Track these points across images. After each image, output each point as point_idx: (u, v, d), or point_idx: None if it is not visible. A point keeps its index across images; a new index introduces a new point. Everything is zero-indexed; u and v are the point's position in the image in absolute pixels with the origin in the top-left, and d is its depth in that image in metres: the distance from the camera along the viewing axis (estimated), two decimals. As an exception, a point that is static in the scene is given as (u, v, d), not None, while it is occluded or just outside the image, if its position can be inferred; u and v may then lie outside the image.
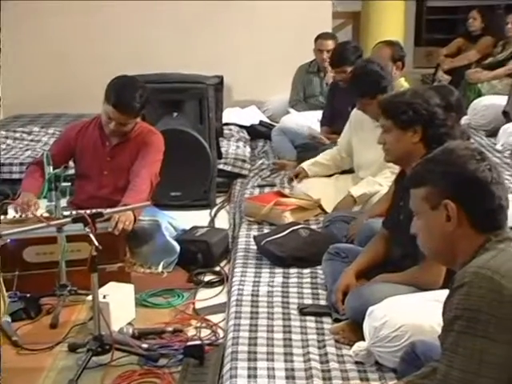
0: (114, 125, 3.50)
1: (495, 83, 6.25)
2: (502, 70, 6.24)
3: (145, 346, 2.68)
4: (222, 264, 3.55)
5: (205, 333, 2.86)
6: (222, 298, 3.19)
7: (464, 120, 5.67)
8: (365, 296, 2.60)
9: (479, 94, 6.24)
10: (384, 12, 7.02)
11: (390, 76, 3.90)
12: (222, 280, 3.36)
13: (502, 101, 5.66)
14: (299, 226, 3.57)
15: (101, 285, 2.67)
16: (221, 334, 2.84)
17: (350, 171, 4.17)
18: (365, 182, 3.85)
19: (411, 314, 2.40)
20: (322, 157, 4.24)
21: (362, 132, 3.96)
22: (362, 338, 2.50)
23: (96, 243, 2.49)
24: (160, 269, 3.43)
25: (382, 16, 7.04)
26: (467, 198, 1.70)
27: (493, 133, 5.57)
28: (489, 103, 5.93)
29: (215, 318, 2.98)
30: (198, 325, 2.92)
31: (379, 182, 3.76)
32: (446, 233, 1.72)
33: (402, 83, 4.37)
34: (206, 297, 3.22)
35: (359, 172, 4.01)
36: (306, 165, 4.24)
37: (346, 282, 2.78)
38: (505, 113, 5.51)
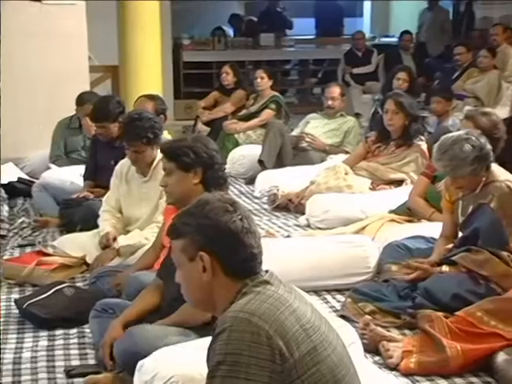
0: None
1: (250, 133, 6.62)
2: (255, 121, 6.63)
3: None
4: (-20, 333, 3.31)
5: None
6: (-20, 371, 2.96)
7: (224, 169, 5.93)
8: (134, 338, 2.58)
9: (237, 144, 6.56)
10: (142, 66, 7.14)
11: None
12: (-19, 351, 3.12)
13: (257, 150, 5.99)
14: (64, 285, 3.45)
15: None
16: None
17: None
18: (131, 234, 3.85)
19: (181, 364, 2.41)
20: (109, 224, 3.99)
21: (129, 187, 3.96)
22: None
23: None
24: None
25: (140, 70, 7.15)
26: (220, 249, 1.77)
27: (251, 180, 5.87)
28: (246, 152, 6.26)
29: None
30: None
31: (145, 235, 3.77)
32: (203, 283, 1.78)
33: (166, 135, 4.46)
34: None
35: (128, 226, 3.99)
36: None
37: (113, 335, 2.72)
38: (260, 161, 5.85)
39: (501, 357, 2.75)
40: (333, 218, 4.55)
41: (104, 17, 7.57)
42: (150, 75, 7.19)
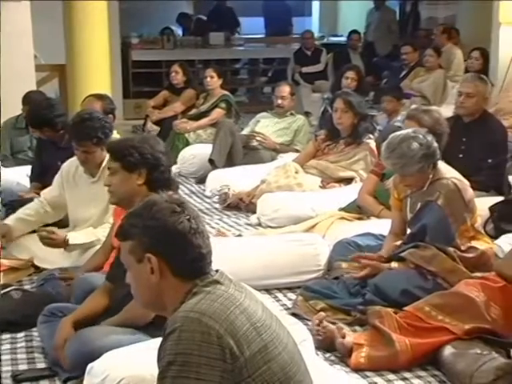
0: None
1: (200, 133, 6.60)
2: (205, 120, 6.61)
3: None
4: None
5: None
6: None
7: (174, 169, 5.90)
8: (83, 339, 2.57)
9: (187, 144, 6.53)
10: (90, 66, 7.03)
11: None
12: None
13: (207, 149, 5.98)
14: (10, 288, 3.39)
15: None
16: None
17: (64, 226, 4.06)
18: (84, 231, 3.78)
19: (131, 365, 2.39)
20: (25, 212, 4.01)
21: (77, 188, 3.90)
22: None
23: None
24: None
25: (88, 69, 7.04)
26: (168, 250, 1.76)
27: (202, 179, 5.85)
28: (196, 152, 6.24)
29: None
30: None
31: (98, 235, 3.71)
32: (152, 284, 1.77)
33: (115, 135, 4.42)
34: None
35: (76, 227, 3.92)
36: (9, 221, 4.00)
37: (64, 336, 2.69)
38: (211, 160, 5.84)
39: (448, 350, 2.80)
40: (283, 217, 4.57)
41: (50, 15, 7.44)
42: (98, 74, 7.08)
